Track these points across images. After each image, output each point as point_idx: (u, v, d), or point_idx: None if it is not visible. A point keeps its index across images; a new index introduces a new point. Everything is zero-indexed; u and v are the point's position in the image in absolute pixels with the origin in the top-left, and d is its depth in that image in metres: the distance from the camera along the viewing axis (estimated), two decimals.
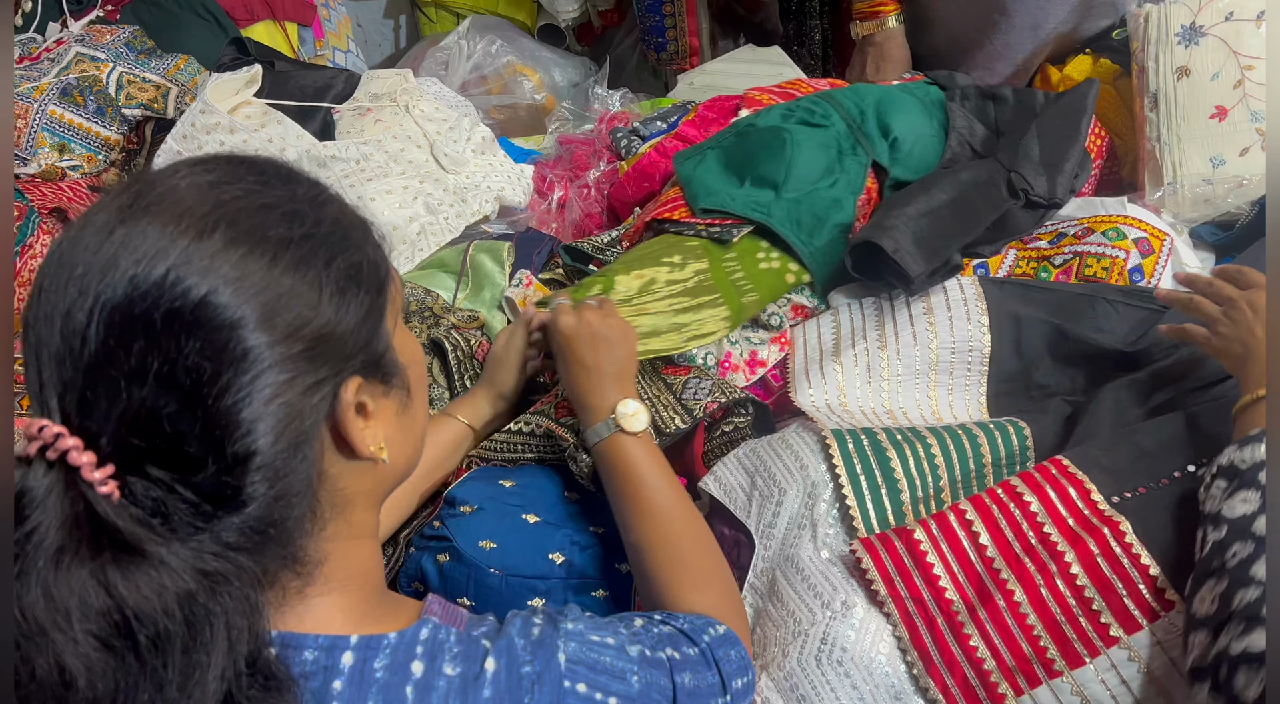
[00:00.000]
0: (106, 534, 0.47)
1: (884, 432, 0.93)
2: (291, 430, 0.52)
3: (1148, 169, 1.28)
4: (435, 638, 0.60)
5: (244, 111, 1.37)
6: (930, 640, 0.80)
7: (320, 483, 0.56)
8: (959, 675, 0.79)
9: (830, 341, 1.10)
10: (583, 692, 0.61)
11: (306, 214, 0.56)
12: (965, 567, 0.82)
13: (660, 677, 0.65)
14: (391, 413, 0.60)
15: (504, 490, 0.93)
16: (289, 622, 0.56)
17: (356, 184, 1.31)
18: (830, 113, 1.26)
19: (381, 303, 0.59)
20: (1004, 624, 0.79)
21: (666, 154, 1.39)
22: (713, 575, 0.81)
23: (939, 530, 0.84)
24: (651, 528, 0.82)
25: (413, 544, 0.92)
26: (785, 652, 0.82)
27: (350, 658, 0.56)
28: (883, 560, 0.83)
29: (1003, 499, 0.84)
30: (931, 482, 0.90)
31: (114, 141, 1.61)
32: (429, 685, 0.57)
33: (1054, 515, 0.82)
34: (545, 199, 1.53)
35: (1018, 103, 1.30)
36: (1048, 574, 0.79)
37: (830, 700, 0.80)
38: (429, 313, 1.15)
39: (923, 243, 1.04)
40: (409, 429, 0.63)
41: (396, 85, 1.48)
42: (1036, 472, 0.85)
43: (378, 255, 0.60)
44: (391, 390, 0.60)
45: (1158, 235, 1.11)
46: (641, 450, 0.85)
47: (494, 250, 1.29)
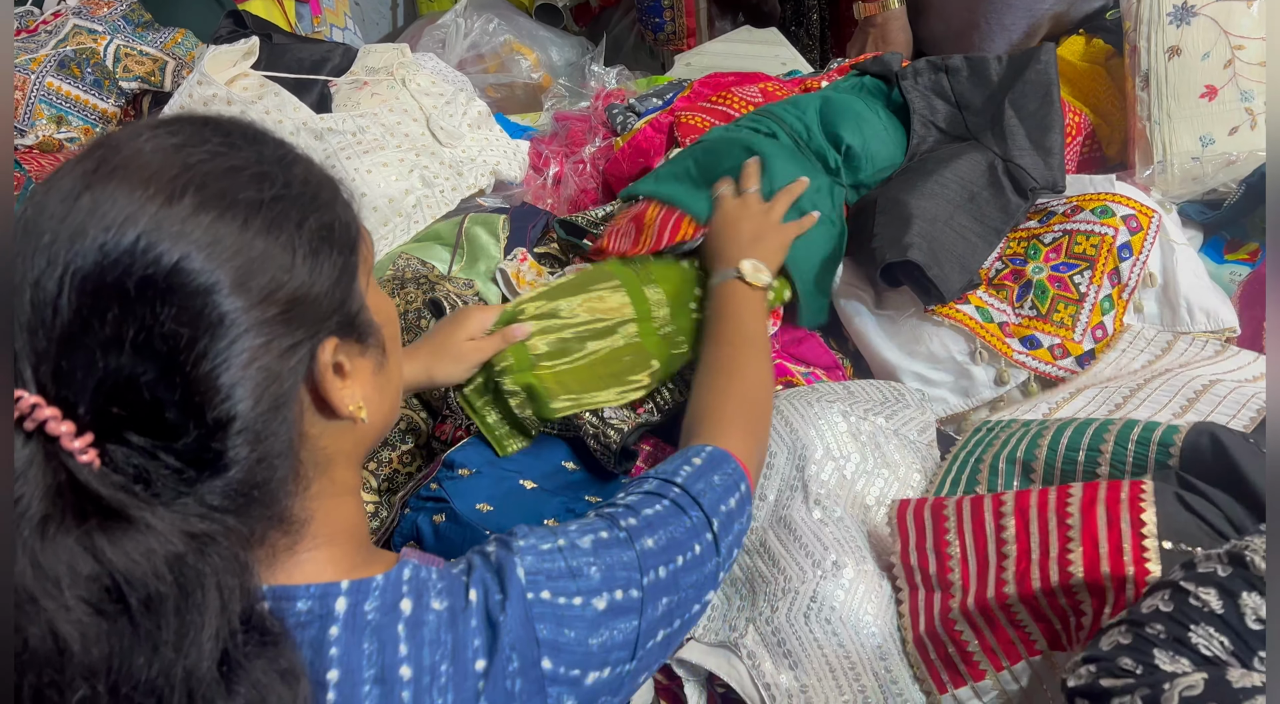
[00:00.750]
0: (90, 501, 0.47)
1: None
2: (271, 393, 0.53)
3: (1138, 148, 1.29)
4: (419, 576, 0.61)
5: (241, 83, 1.38)
6: (923, 612, 0.81)
7: (302, 444, 0.57)
8: (941, 651, 0.80)
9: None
10: (547, 598, 0.61)
11: (275, 175, 0.56)
12: (980, 555, 0.80)
13: (621, 552, 0.66)
14: (369, 372, 0.61)
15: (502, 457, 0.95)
16: (279, 577, 0.57)
17: (353, 156, 1.32)
18: (776, 130, 1.23)
19: (354, 262, 0.59)
20: (991, 615, 0.77)
21: (662, 130, 1.40)
22: (748, 411, 0.85)
23: (970, 513, 0.82)
24: (720, 354, 0.90)
25: (408, 505, 0.94)
26: (774, 607, 0.84)
27: (343, 603, 0.57)
28: (907, 527, 0.84)
29: (1048, 504, 0.78)
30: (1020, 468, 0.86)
31: (111, 114, 1.62)
32: (419, 621, 0.58)
33: (1088, 540, 0.74)
34: (540, 174, 1.54)
35: (971, 71, 1.28)
36: (1049, 587, 0.74)
37: (817, 657, 0.82)
38: (425, 280, 1.16)
39: (955, 259, 1.06)
40: (385, 387, 0.64)
41: (394, 59, 1.49)
42: (1105, 484, 0.76)
43: (348, 215, 0.60)
44: (368, 350, 0.61)
45: (1146, 212, 1.12)
46: (749, 298, 0.97)
47: (489, 223, 1.30)
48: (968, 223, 1.11)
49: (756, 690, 0.82)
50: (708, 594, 0.72)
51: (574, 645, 0.61)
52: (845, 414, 0.95)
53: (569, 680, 0.61)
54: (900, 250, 1.05)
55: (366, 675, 0.56)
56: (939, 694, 0.79)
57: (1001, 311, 1.08)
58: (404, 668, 0.57)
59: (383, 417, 0.65)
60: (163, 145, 0.54)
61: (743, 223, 1.06)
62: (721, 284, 0.99)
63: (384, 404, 0.64)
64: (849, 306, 1.17)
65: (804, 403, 0.96)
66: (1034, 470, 0.84)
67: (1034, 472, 0.84)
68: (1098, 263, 1.08)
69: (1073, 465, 0.82)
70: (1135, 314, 1.10)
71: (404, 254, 1.25)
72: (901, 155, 1.23)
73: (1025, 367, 1.05)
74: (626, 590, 0.64)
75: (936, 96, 1.27)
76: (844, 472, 0.92)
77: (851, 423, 0.95)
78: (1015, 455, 0.85)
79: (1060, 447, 0.83)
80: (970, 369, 1.06)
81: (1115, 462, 0.80)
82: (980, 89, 1.26)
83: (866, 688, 0.82)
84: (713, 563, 0.71)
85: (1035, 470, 0.84)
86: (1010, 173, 1.15)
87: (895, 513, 0.85)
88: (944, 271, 1.04)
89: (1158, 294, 1.10)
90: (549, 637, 0.60)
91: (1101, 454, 0.80)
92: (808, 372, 1.11)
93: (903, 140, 1.24)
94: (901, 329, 1.10)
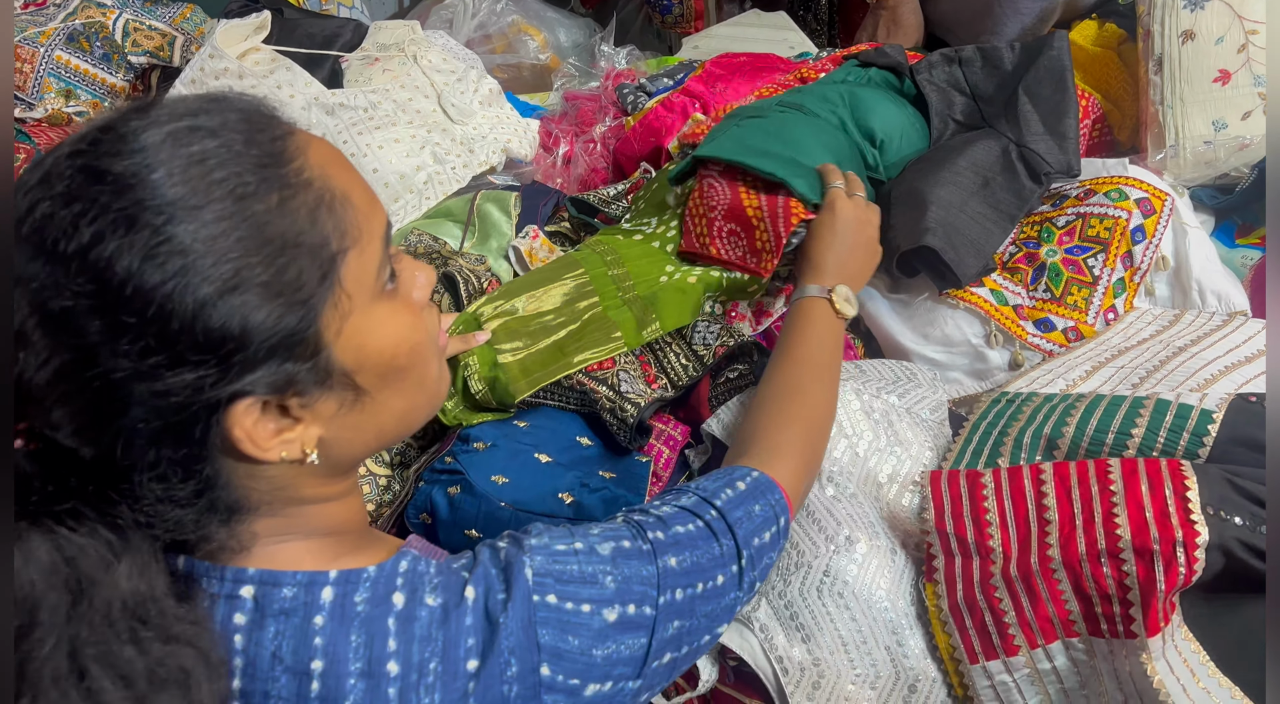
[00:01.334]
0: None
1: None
2: (172, 424, 0.51)
3: (1150, 132, 1.29)
4: (415, 569, 0.60)
5: (253, 58, 1.37)
6: (960, 578, 0.82)
7: (237, 470, 0.55)
8: (978, 619, 0.80)
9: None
10: (553, 602, 0.60)
11: (250, 196, 0.52)
12: (1020, 522, 0.80)
13: (641, 566, 0.64)
14: (329, 413, 0.56)
15: (518, 430, 0.95)
16: (261, 560, 0.57)
17: (365, 132, 1.32)
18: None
19: (316, 308, 0.53)
20: (1033, 583, 0.77)
21: (673, 109, 1.40)
22: (807, 440, 0.82)
23: (1008, 482, 0.82)
24: (791, 374, 0.86)
25: (422, 478, 0.94)
26: (786, 581, 0.84)
27: (330, 593, 0.57)
28: (942, 495, 0.84)
29: (1088, 473, 0.79)
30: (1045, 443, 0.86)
31: (120, 89, 1.61)
32: (411, 616, 0.57)
33: (1133, 504, 0.75)
34: (550, 154, 1.53)
35: (985, 62, 1.27)
36: (1095, 552, 0.75)
37: (829, 631, 0.82)
38: (437, 256, 1.16)
39: (971, 245, 1.06)
40: (364, 423, 0.59)
41: (404, 36, 1.48)
42: (1143, 461, 0.78)
43: (320, 238, 0.53)
44: (328, 392, 0.56)
45: (1159, 195, 1.12)
46: (833, 325, 0.92)
47: (501, 200, 1.30)
48: (982, 208, 1.11)
49: (769, 663, 0.83)
50: (721, 626, 0.69)
51: (576, 654, 0.60)
52: (858, 392, 0.95)
53: (567, 689, 0.59)
54: (917, 236, 1.05)
55: (353, 668, 0.55)
56: (969, 664, 0.80)
57: (1016, 294, 1.08)
58: (391, 663, 0.56)
59: (363, 445, 0.60)
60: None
61: (850, 234, 0.98)
62: (809, 301, 0.93)
63: (364, 435, 0.60)
64: (862, 291, 1.17)
65: None
66: (1058, 448, 0.84)
67: (1058, 449, 0.84)
68: (1111, 246, 1.08)
69: (1099, 447, 0.82)
70: (1147, 298, 1.10)
71: (416, 230, 1.25)
72: (924, 147, 1.23)
73: (1039, 350, 1.05)
74: (640, 606, 0.63)
75: (953, 89, 1.28)
76: (856, 449, 0.92)
77: (864, 401, 0.95)
78: (1042, 431, 0.85)
79: (1089, 427, 0.83)
80: (985, 352, 1.06)
81: (1144, 446, 0.80)
82: (994, 78, 1.26)
83: (878, 662, 0.82)
84: (733, 596, 0.69)
85: (1060, 448, 0.84)
86: (1024, 158, 1.16)
87: (928, 481, 0.85)
88: (960, 256, 1.04)
89: (1169, 277, 1.10)
90: (550, 643, 0.59)
91: (1132, 437, 0.80)
92: None
93: (924, 132, 1.25)
94: (916, 313, 1.11)
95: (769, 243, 1.03)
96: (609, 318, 1.03)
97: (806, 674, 0.82)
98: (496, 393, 0.99)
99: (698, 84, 1.43)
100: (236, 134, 0.53)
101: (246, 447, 0.53)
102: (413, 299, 0.62)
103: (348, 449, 0.59)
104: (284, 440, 0.54)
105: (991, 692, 0.80)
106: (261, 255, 0.51)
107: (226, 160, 0.51)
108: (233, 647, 0.55)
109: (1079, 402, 0.85)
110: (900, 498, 0.91)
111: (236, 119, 0.53)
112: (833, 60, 1.39)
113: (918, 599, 0.85)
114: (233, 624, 0.56)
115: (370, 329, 0.57)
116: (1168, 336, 0.98)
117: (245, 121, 0.54)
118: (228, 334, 0.50)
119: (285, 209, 0.52)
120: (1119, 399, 0.83)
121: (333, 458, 0.58)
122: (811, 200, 1.02)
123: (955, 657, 0.81)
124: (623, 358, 1.01)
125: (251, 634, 0.56)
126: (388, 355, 0.58)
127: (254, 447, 0.53)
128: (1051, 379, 0.94)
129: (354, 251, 0.55)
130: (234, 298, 0.50)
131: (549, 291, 1.04)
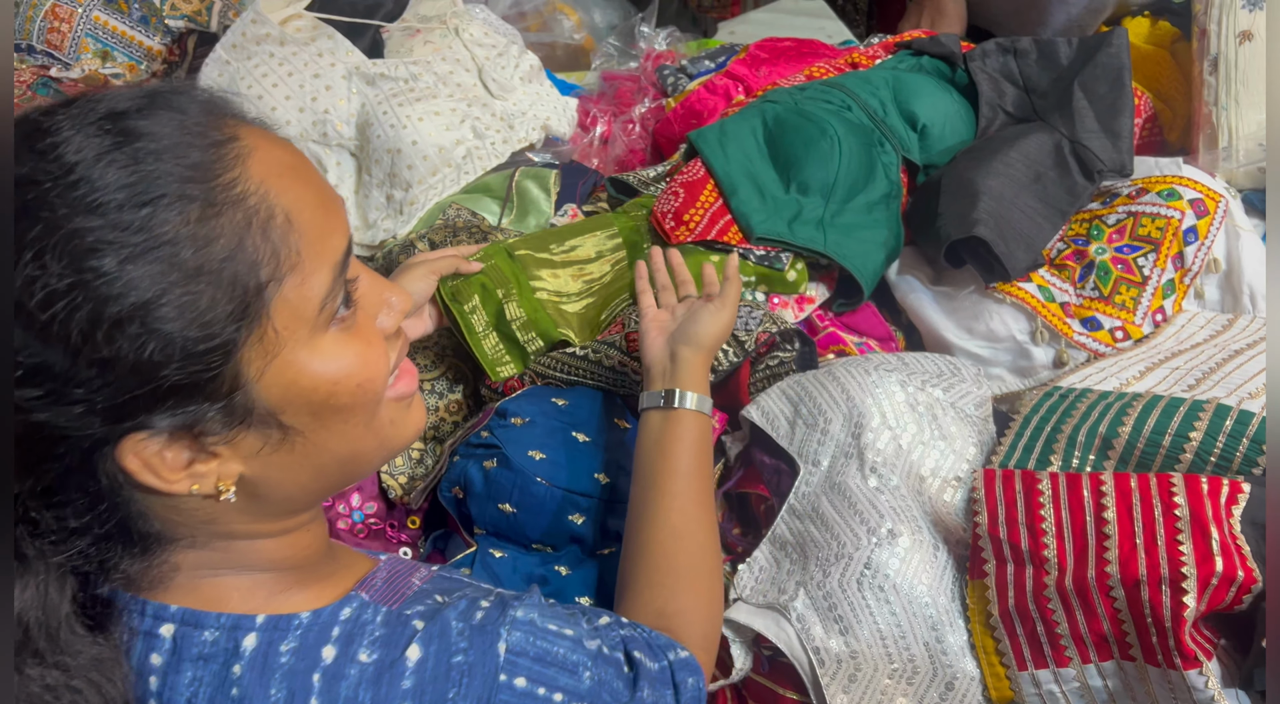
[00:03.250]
0: None
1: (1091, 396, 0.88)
2: (57, 454, 0.46)
3: (1203, 133, 1.27)
4: (358, 618, 0.55)
5: (294, 24, 1.36)
6: (1012, 585, 0.80)
7: (150, 503, 0.50)
8: (1029, 628, 0.79)
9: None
10: (521, 686, 0.56)
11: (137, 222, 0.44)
12: (1077, 533, 0.77)
13: (615, 678, 0.61)
14: (251, 450, 0.50)
15: (556, 408, 0.94)
16: (186, 595, 0.53)
17: (405, 103, 1.30)
18: (850, 104, 1.20)
19: (237, 340, 0.47)
20: (1089, 598, 0.75)
21: (716, 91, 1.38)
22: (704, 580, 0.78)
23: (1066, 490, 0.79)
24: (668, 505, 0.79)
25: (457, 453, 0.93)
26: (826, 572, 0.83)
27: (254, 640, 0.52)
28: (996, 499, 0.82)
29: (1150, 489, 0.76)
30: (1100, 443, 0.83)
31: (156, 52, 1.60)
32: (338, 673, 0.52)
33: (1198, 530, 0.72)
34: (587, 133, 1.52)
35: (1041, 54, 1.26)
36: (1155, 577, 0.72)
37: (868, 623, 0.81)
38: (476, 229, 1.15)
39: (1022, 238, 1.05)
40: (296, 462, 0.52)
41: (446, 8, 1.47)
42: (1206, 479, 0.75)
43: (245, 264, 0.46)
44: (248, 431, 0.50)
45: (1213, 196, 1.10)
46: (692, 427, 0.83)
47: (540, 178, 1.28)
48: (1033, 203, 1.09)
49: (805, 653, 0.82)
50: None
51: None
52: (903, 384, 0.94)
53: None
54: (967, 227, 1.03)
55: None
56: (1017, 670, 0.79)
57: (1064, 291, 1.06)
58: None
59: (299, 486, 0.54)
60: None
61: (715, 344, 0.91)
62: (656, 413, 0.84)
63: (298, 476, 0.53)
64: (903, 282, 1.15)
65: (861, 371, 0.95)
66: (1113, 447, 0.82)
67: (1113, 448, 0.82)
68: (1162, 246, 1.06)
69: (1156, 448, 0.80)
70: (1196, 300, 1.08)
71: (454, 204, 1.24)
72: (970, 136, 1.21)
73: (1085, 348, 1.03)
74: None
75: (1005, 79, 1.26)
76: (900, 441, 0.91)
77: (909, 393, 0.94)
78: (1097, 429, 0.83)
79: (1146, 427, 0.81)
80: (1030, 349, 1.05)
81: (1201, 451, 0.78)
82: (1048, 72, 1.24)
83: (916, 657, 0.81)
84: None
85: (1115, 448, 0.82)
86: (1077, 154, 1.14)
87: (981, 481, 0.83)
88: (1010, 249, 1.03)
89: (1220, 280, 1.08)
90: None
91: (1189, 440, 0.79)
92: (860, 341, 1.10)
93: (972, 121, 1.23)
94: (961, 306, 1.09)
95: (695, 225, 1.12)
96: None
97: (843, 666, 0.81)
98: (536, 328, 1.04)
99: (741, 67, 1.41)
100: (166, 139, 0.46)
101: (146, 478, 0.47)
102: (373, 327, 0.55)
103: (279, 490, 0.53)
104: (194, 474, 0.49)
105: (1039, 700, 0.79)
106: (168, 282, 0.44)
107: (143, 169, 0.44)
108: (147, 688, 0.51)
109: (1136, 401, 0.83)
110: (943, 493, 0.89)
111: (171, 119, 0.46)
112: (884, 47, 1.37)
113: (959, 596, 0.84)
114: (149, 664, 0.52)
115: (305, 364, 0.50)
116: (1222, 340, 0.96)
117: (180, 124, 0.47)
118: (119, 368, 0.44)
119: (204, 229, 0.45)
120: (1177, 400, 0.82)
121: (262, 497, 0.52)
122: (752, 235, 1.10)
123: (1004, 662, 0.80)
124: None
125: (167, 677, 0.51)
126: (323, 393, 0.51)
127: (155, 478, 0.48)
128: (1104, 377, 0.92)
129: (292, 279, 0.48)
130: (129, 328, 0.43)
131: (582, 240, 1.12)
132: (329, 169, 1.32)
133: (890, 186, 1.16)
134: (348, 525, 0.98)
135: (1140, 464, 0.81)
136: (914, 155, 1.20)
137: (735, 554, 0.95)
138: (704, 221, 1.11)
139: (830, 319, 1.12)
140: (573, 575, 0.91)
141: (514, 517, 0.90)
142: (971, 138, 1.22)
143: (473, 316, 1.02)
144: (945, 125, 1.22)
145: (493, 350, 1.02)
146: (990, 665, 0.81)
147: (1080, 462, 0.83)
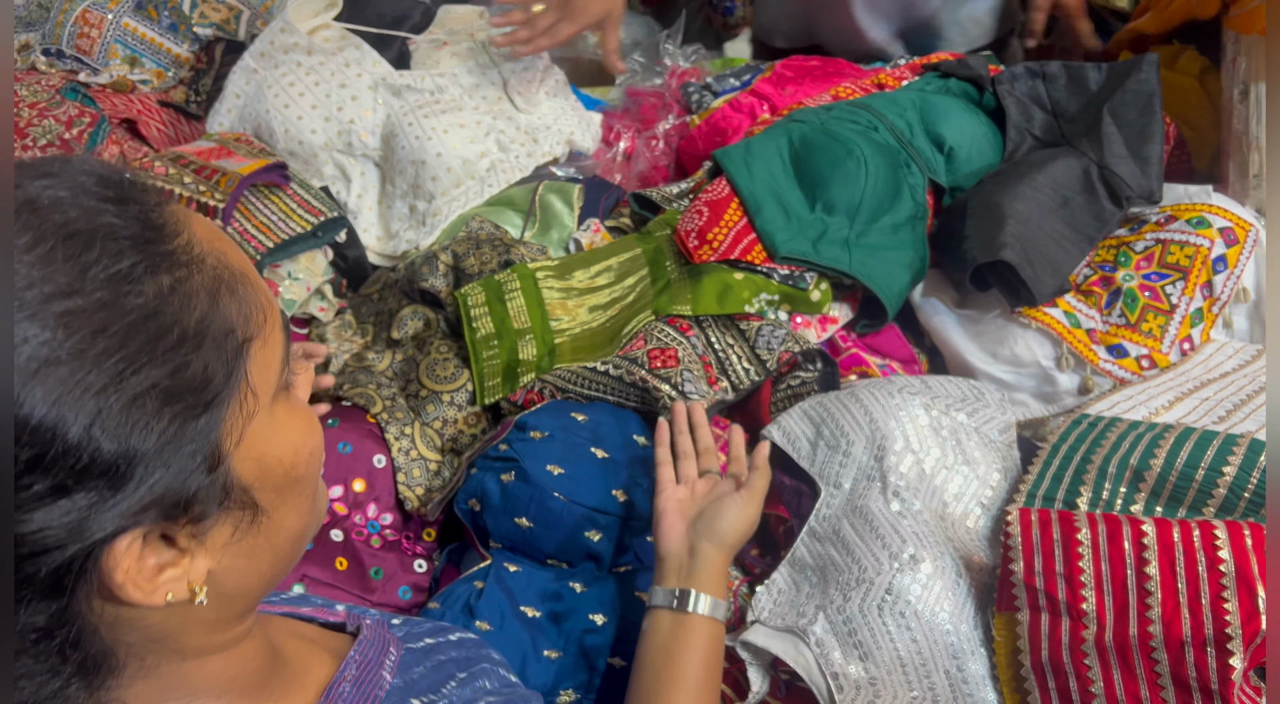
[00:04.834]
0: None
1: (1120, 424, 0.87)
2: (33, 573, 0.40)
3: (1233, 161, 1.26)
4: None
5: (322, 34, 1.37)
6: (1046, 637, 0.77)
7: (103, 623, 0.43)
8: (1061, 682, 0.76)
9: None
10: None
11: (89, 311, 0.39)
12: (1117, 588, 0.74)
13: None
14: (223, 540, 0.46)
15: (575, 423, 0.93)
16: None
17: (430, 115, 1.31)
18: (877, 125, 1.20)
19: (212, 421, 0.43)
20: (1129, 657, 0.73)
21: (741, 109, 1.38)
22: None
23: (1106, 541, 0.76)
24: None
25: (475, 465, 0.92)
26: (846, 596, 0.82)
27: None
28: (1033, 545, 0.79)
29: (1193, 542, 0.73)
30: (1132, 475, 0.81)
31: (185, 59, 1.61)
32: None
33: (1243, 587, 0.70)
34: (610, 148, 1.52)
35: (1070, 79, 1.25)
36: (1200, 639, 0.69)
37: (888, 649, 0.80)
38: (499, 243, 1.15)
39: (1048, 263, 1.04)
40: (259, 546, 0.48)
41: (473, 22, 1.47)
42: (1248, 527, 0.73)
43: (224, 325, 0.43)
44: (225, 514, 0.45)
45: (1244, 225, 1.09)
46: (704, 632, 0.79)
47: (564, 192, 1.28)
48: (1061, 227, 1.08)
49: (824, 679, 0.81)
50: None
51: None
52: (927, 407, 0.93)
53: None
54: (994, 250, 1.02)
55: None
56: None
57: (1090, 318, 1.05)
58: None
59: (257, 578, 0.50)
60: None
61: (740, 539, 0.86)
62: (668, 614, 0.80)
63: (259, 563, 0.49)
64: (928, 304, 1.15)
65: (884, 393, 0.94)
66: (1144, 480, 0.80)
67: (1144, 481, 0.80)
68: (1191, 274, 1.05)
69: (1188, 483, 0.79)
70: (1224, 329, 1.07)
71: (477, 217, 1.24)
72: (998, 160, 1.21)
73: (1111, 376, 1.02)
74: None
75: (1033, 103, 1.25)
76: (923, 465, 0.90)
77: (933, 416, 0.93)
78: (1129, 461, 0.81)
79: (1179, 460, 0.79)
80: (1055, 375, 1.03)
81: (1235, 487, 0.76)
82: (1078, 96, 1.23)
83: (936, 685, 0.80)
84: None
85: (1146, 480, 0.80)
86: (1105, 180, 1.13)
87: (1017, 521, 0.80)
88: (1037, 274, 1.02)
89: (1249, 310, 1.07)
90: None
91: (1223, 475, 0.77)
92: (884, 363, 1.09)
93: (999, 145, 1.22)
94: (985, 330, 1.08)
95: (718, 244, 1.10)
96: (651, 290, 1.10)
97: (862, 692, 0.79)
98: (547, 361, 1.06)
99: (767, 86, 1.41)
100: (99, 201, 0.41)
101: (129, 592, 0.41)
102: (299, 396, 0.52)
103: (239, 581, 0.48)
104: (168, 580, 0.43)
105: None
106: (153, 353, 0.40)
107: (94, 235, 0.40)
108: None
109: (1168, 432, 0.82)
110: (966, 518, 0.88)
111: (92, 183, 0.42)
112: (911, 68, 1.37)
113: (981, 624, 0.82)
114: None
115: (271, 434, 0.46)
116: (1252, 370, 0.94)
117: (103, 185, 0.42)
118: (116, 453, 0.39)
119: (180, 293, 0.41)
120: (1210, 434, 0.80)
121: (224, 593, 0.47)
122: (776, 255, 1.09)
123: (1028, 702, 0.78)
124: (687, 357, 0.99)
125: None
126: (287, 464, 0.48)
127: (137, 591, 0.42)
128: (1132, 405, 0.91)
129: (258, 341, 0.45)
130: (118, 409, 0.39)
131: (604, 264, 1.13)
132: (353, 179, 1.32)
133: (916, 208, 1.15)
134: (364, 537, 0.97)
135: (1172, 498, 0.79)
136: (940, 177, 1.19)
137: (753, 576, 0.94)
138: (728, 240, 1.11)
139: (853, 340, 1.11)
140: (587, 593, 0.91)
141: (530, 531, 0.89)
142: (998, 161, 1.22)
143: (484, 348, 1.05)
144: (972, 148, 1.21)
145: (489, 379, 1.05)
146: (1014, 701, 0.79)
147: (1111, 494, 0.81)
